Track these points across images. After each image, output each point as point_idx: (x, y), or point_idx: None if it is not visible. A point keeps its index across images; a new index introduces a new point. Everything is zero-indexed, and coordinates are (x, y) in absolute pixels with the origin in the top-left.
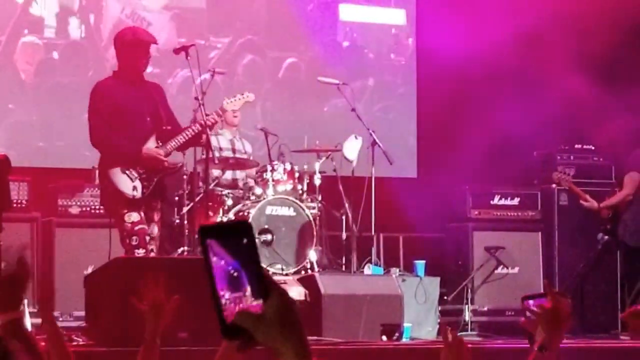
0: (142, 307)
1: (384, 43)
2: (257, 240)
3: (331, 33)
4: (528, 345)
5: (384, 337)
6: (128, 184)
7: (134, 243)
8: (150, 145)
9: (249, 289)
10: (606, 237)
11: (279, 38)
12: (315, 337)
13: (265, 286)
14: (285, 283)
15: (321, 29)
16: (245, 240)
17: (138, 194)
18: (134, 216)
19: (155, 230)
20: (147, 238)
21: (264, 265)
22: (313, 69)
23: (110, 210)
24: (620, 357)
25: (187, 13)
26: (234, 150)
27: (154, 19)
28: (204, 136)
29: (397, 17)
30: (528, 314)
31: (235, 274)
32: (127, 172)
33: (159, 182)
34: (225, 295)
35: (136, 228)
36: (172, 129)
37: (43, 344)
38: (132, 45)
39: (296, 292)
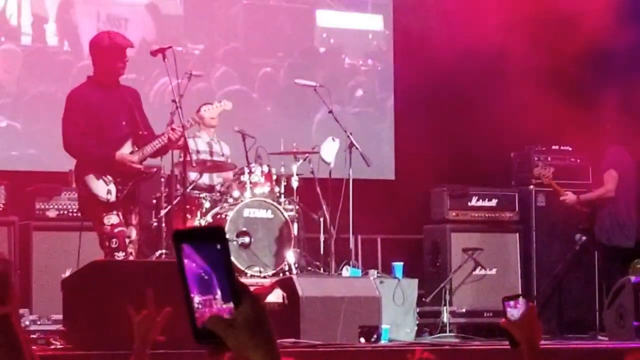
0: (134, 318)
1: (361, 48)
2: (235, 243)
3: (308, 39)
4: (507, 347)
5: (362, 339)
6: (102, 188)
7: (113, 245)
8: (126, 150)
9: (219, 292)
10: (584, 237)
11: (256, 45)
12: (293, 339)
13: (237, 292)
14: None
15: (298, 35)
16: (218, 246)
17: (112, 197)
18: (112, 219)
19: (133, 233)
20: (127, 240)
21: (242, 267)
22: (290, 75)
23: (88, 213)
24: (598, 357)
25: (164, 19)
26: (211, 153)
27: (131, 15)
28: (182, 139)
29: (374, 22)
30: (508, 315)
31: (207, 277)
32: (102, 177)
33: (134, 186)
34: (196, 298)
35: (115, 230)
36: (148, 134)
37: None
38: (108, 49)
39: (274, 295)
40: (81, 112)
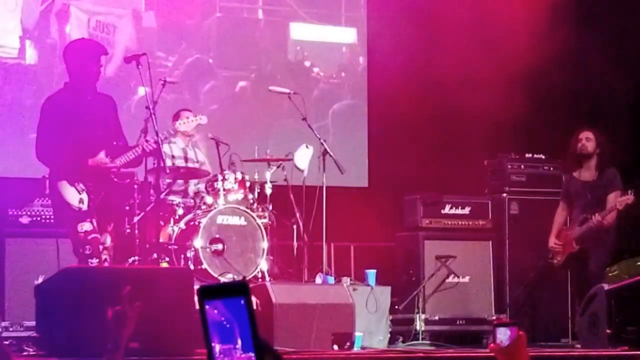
0: (108, 315)
1: (335, 60)
2: (208, 250)
3: (282, 51)
4: (479, 354)
5: (335, 347)
6: (75, 196)
7: (87, 252)
8: (99, 160)
9: (240, 342)
10: None
11: (229, 57)
12: None
13: (260, 345)
14: None
15: (272, 47)
16: (242, 301)
17: (84, 206)
18: (86, 225)
19: (108, 240)
20: (100, 247)
21: (215, 274)
22: (264, 87)
23: (62, 220)
24: None
25: (138, 32)
26: (186, 159)
27: (118, 22)
28: (155, 144)
29: (348, 35)
30: (497, 340)
31: (228, 325)
32: (75, 185)
33: (107, 194)
34: (217, 347)
35: (89, 237)
36: (122, 144)
37: None
38: (81, 57)
39: None
40: (56, 120)
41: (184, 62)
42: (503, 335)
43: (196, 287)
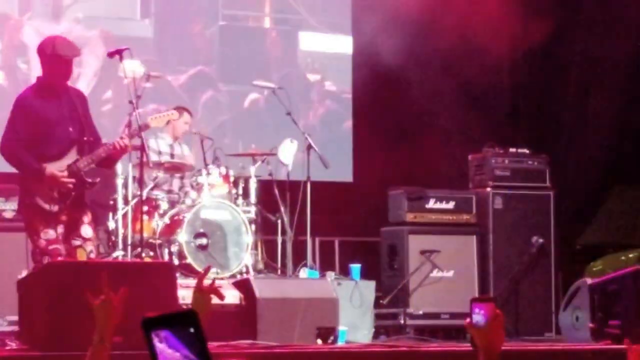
0: (93, 304)
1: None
2: (192, 244)
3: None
4: (464, 349)
5: (319, 341)
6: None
7: (44, 262)
8: (71, 158)
9: None
10: (540, 240)
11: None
12: (250, 341)
13: None
14: (220, 287)
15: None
16: (192, 329)
17: (55, 208)
18: (50, 233)
19: (89, 231)
20: (59, 259)
21: (199, 269)
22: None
23: (26, 222)
24: (554, 359)
25: (130, 42)
26: (172, 155)
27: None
28: (140, 140)
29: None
30: (474, 318)
31: (177, 354)
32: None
33: (79, 194)
34: None
35: (50, 247)
36: (93, 140)
37: None
38: (52, 58)
39: (231, 296)
40: (25, 118)
41: (182, 74)
42: (479, 314)
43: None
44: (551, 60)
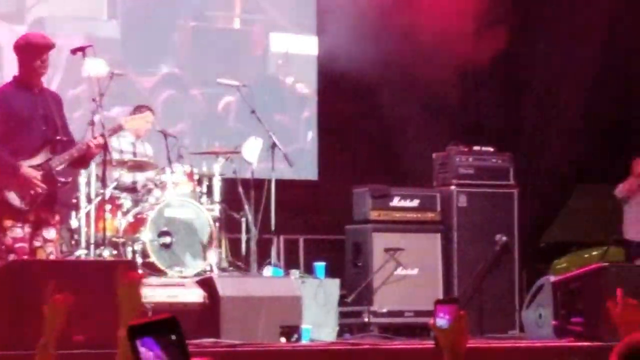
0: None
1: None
2: (156, 243)
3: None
4: (428, 346)
5: (283, 339)
6: (14, 194)
7: (9, 259)
8: (43, 157)
9: None
10: (504, 237)
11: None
12: (213, 339)
13: None
14: (183, 285)
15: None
16: (173, 337)
17: (24, 206)
18: (16, 232)
19: (53, 233)
20: (25, 258)
21: (163, 267)
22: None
23: None
24: (517, 356)
25: (96, 43)
26: (134, 153)
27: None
28: (102, 139)
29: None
30: (437, 320)
31: None
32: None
33: (49, 194)
34: None
35: (16, 245)
36: (67, 140)
37: None
38: (26, 50)
39: (195, 295)
40: (2, 113)
41: (151, 75)
42: (443, 317)
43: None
44: (515, 60)
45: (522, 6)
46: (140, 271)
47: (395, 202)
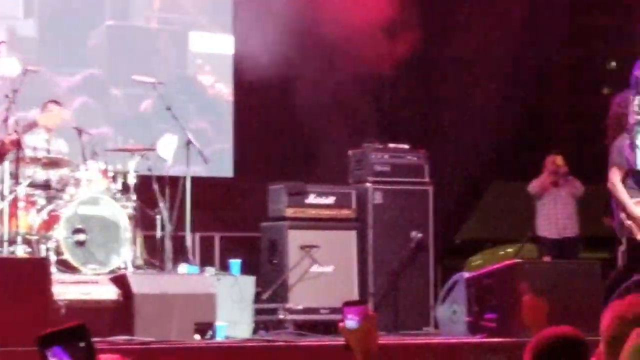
0: None
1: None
2: (70, 240)
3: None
4: (341, 343)
5: (197, 336)
6: None
7: None
8: None
9: None
10: (419, 234)
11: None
12: (127, 337)
13: None
14: (97, 283)
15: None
16: (82, 344)
17: None
18: None
19: None
20: None
21: (77, 264)
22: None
23: None
24: (431, 352)
25: (15, 42)
26: (48, 150)
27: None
28: (16, 136)
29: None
30: (347, 321)
31: None
32: None
33: None
34: None
35: None
36: None
37: None
38: None
39: (108, 292)
40: None
41: (70, 75)
42: (352, 319)
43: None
44: (430, 58)
45: (437, 6)
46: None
47: (311, 199)
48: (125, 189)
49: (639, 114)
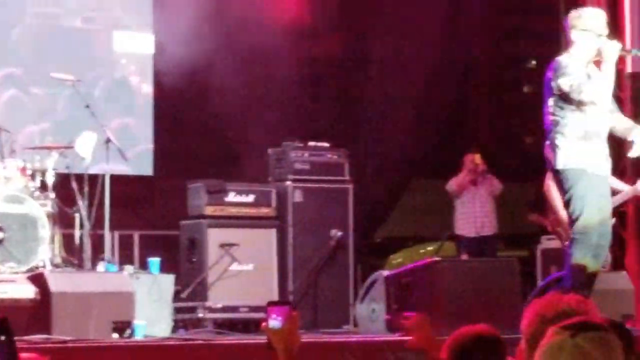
0: None
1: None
2: None
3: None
4: (260, 341)
5: (115, 335)
6: None
7: None
8: None
9: None
10: (339, 233)
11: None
12: (44, 335)
13: None
14: (14, 281)
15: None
16: (2, 337)
17: None
18: None
19: None
20: None
21: None
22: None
23: None
24: (350, 350)
25: None
26: None
27: None
28: None
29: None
30: (270, 322)
31: None
32: None
33: None
34: None
35: None
36: None
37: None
38: None
39: (26, 291)
40: None
41: None
42: (276, 318)
43: None
44: (352, 57)
45: (359, 6)
46: None
47: (231, 197)
48: (44, 187)
49: (554, 114)
